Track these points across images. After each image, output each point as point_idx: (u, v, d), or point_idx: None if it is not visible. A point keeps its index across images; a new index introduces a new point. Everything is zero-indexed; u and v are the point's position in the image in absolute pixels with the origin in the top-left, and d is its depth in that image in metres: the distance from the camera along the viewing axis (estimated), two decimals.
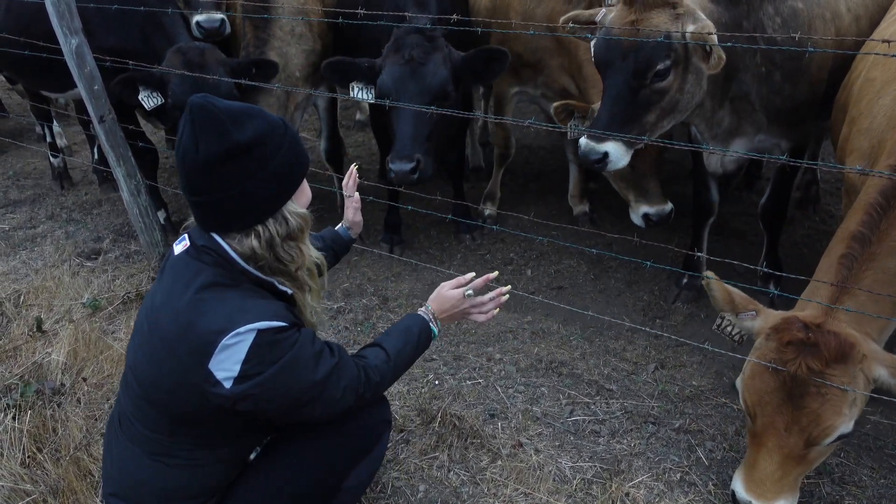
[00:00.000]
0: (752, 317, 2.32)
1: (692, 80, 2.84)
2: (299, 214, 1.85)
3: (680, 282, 3.90)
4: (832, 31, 3.11)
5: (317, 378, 1.83)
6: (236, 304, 1.76)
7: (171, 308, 1.80)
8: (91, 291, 4.05)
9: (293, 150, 1.82)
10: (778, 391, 2.16)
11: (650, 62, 2.71)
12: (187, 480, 1.94)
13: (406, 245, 4.55)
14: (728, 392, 3.17)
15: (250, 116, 1.75)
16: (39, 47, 4.06)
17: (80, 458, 2.76)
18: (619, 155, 2.88)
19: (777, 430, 2.15)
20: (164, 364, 1.80)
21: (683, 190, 4.51)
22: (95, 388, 3.17)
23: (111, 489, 2.00)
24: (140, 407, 1.91)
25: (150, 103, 3.90)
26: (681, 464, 2.77)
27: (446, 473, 2.75)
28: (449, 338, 3.67)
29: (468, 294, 2.33)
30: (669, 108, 2.88)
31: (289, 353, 1.78)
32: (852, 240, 2.31)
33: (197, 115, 1.71)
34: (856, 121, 2.67)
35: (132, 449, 1.95)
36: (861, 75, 2.83)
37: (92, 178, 5.89)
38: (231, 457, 2.01)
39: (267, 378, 1.75)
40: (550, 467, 2.76)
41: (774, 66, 3.04)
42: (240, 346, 1.72)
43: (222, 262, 1.82)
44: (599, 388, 3.22)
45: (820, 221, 4.60)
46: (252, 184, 1.74)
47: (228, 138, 1.70)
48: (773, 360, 2.17)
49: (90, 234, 4.91)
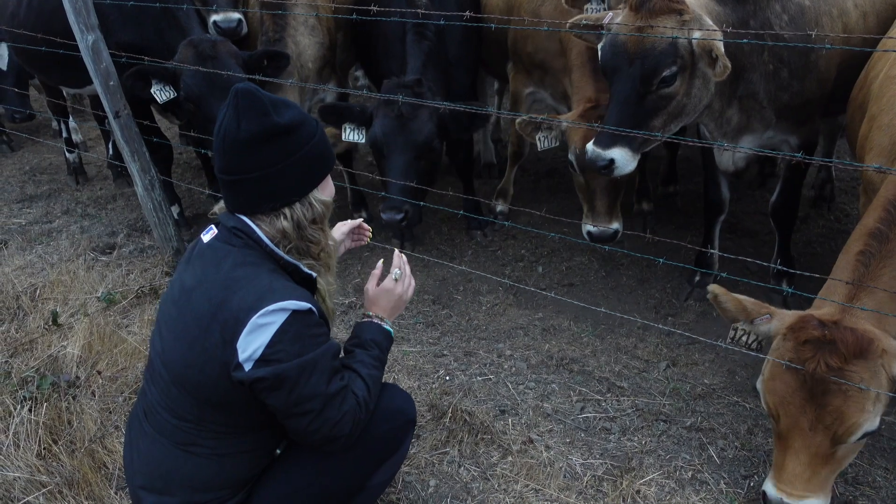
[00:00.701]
0: (766, 320, 2.30)
1: (699, 85, 2.85)
2: (323, 202, 1.98)
3: (692, 279, 3.88)
4: (839, 28, 3.10)
5: (326, 391, 1.87)
6: (266, 283, 1.84)
7: (204, 288, 1.86)
8: (106, 286, 4.09)
9: (323, 142, 1.98)
10: (799, 391, 2.13)
11: (656, 68, 2.73)
12: (215, 471, 1.97)
13: (417, 241, 4.56)
14: (740, 391, 3.16)
15: (287, 105, 1.91)
16: (57, 43, 4.10)
17: (94, 451, 2.80)
18: (625, 161, 2.90)
19: (802, 429, 2.13)
20: (196, 344, 1.84)
21: (695, 188, 4.49)
22: (110, 381, 3.20)
23: (140, 482, 2.02)
24: (168, 394, 1.94)
25: (162, 97, 3.93)
26: (692, 462, 2.77)
27: (457, 469, 2.76)
28: (460, 334, 3.68)
29: (397, 276, 2.26)
30: (676, 113, 2.89)
31: (312, 352, 1.83)
32: (870, 237, 2.29)
33: (241, 98, 1.84)
34: (876, 118, 2.65)
35: (160, 440, 1.98)
36: (881, 73, 2.79)
37: (107, 174, 5.94)
38: (257, 447, 2.03)
39: (284, 369, 1.79)
40: (561, 464, 2.76)
41: (782, 64, 3.03)
42: (268, 329, 1.78)
43: (251, 244, 1.91)
44: (610, 386, 3.22)
45: (834, 220, 4.57)
46: (286, 165, 1.88)
47: (269, 119, 1.84)
48: (790, 360, 2.15)
49: (105, 229, 4.96)
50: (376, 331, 2.20)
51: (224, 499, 2.01)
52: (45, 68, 4.91)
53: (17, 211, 5.36)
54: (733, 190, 3.87)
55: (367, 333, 2.18)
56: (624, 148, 2.86)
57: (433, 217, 4.85)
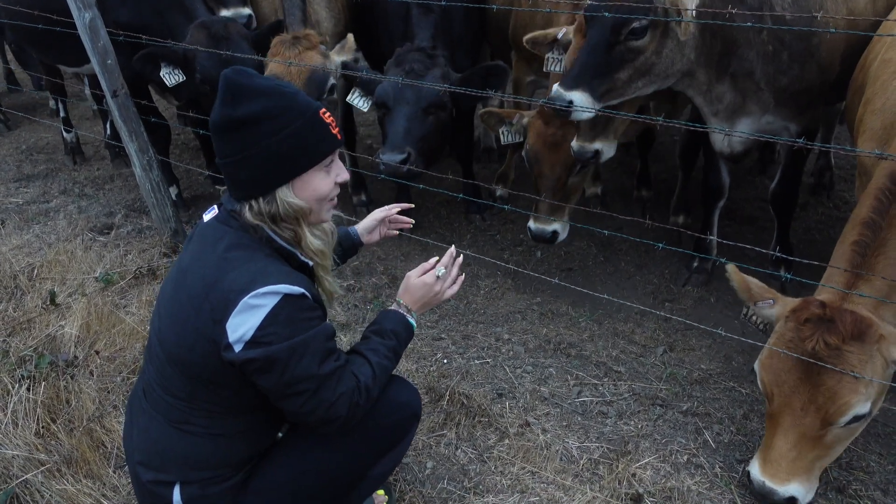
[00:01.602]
0: (770, 305, 2.34)
1: (671, 46, 2.84)
2: (290, 203, 1.86)
3: (690, 265, 3.89)
4: (844, 13, 3.06)
5: (318, 372, 1.84)
6: (260, 265, 1.82)
7: (198, 267, 1.85)
8: (103, 266, 4.09)
9: (294, 142, 1.82)
10: (795, 370, 2.17)
11: (626, 18, 2.73)
12: (210, 451, 1.97)
13: (416, 224, 4.54)
14: (736, 376, 3.17)
15: (260, 96, 1.79)
16: (54, 21, 4.06)
17: (93, 430, 2.81)
18: (584, 104, 2.84)
19: (793, 409, 2.17)
20: (188, 322, 1.84)
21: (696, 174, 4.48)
22: (108, 361, 3.21)
23: (138, 458, 2.03)
24: (163, 372, 1.94)
25: (171, 80, 3.92)
26: (688, 446, 2.79)
27: (454, 451, 2.78)
28: (458, 317, 3.69)
29: (441, 274, 2.19)
30: (643, 70, 2.87)
31: (303, 335, 1.80)
32: (864, 226, 2.31)
33: (220, 84, 1.82)
34: (870, 101, 2.65)
35: (156, 417, 1.99)
36: (878, 56, 2.79)
37: (104, 154, 5.92)
38: (253, 429, 2.03)
39: (275, 351, 1.77)
40: (557, 447, 2.77)
41: (782, 46, 2.99)
42: (259, 311, 1.75)
43: (247, 227, 1.89)
44: (607, 370, 3.23)
45: (833, 207, 4.57)
46: (242, 158, 1.82)
47: (226, 111, 1.80)
48: (791, 339, 2.19)
49: (102, 209, 4.94)
50: (399, 322, 2.14)
51: (222, 478, 2.00)
52: (43, 46, 4.87)
53: (14, 190, 5.34)
54: (733, 176, 3.86)
55: (388, 322, 2.14)
56: (584, 92, 2.83)
57: (432, 200, 4.84)
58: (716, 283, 3.84)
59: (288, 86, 1.91)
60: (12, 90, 7.27)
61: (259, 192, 1.85)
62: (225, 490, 2.00)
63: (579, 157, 3.23)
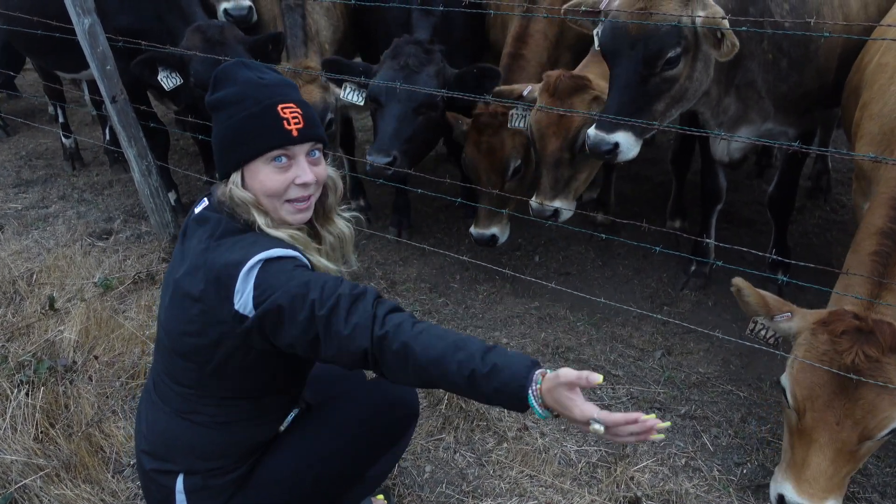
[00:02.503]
0: (787, 318, 2.26)
1: (700, 68, 2.82)
2: (232, 191, 1.88)
3: (688, 269, 3.90)
4: (839, 18, 3.08)
5: (308, 280, 1.76)
6: (250, 240, 1.85)
7: (195, 255, 1.88)
8: (102, 271, 4.09)
9: (242, 127, 1.86)
10: (830, 383, 2.07)
11: (661, 50, 2.68)
12: (216, 440, 1.99)
13: (414, 229, 4.56)
14: (734, 379, 3.18)
15: (235, 83, 1.89)
16: (53, 27, 4.08)
17: (91, 434, 2.81)
18: (629, 145, 2.83)
19: (828, 424, 2.06)
20: (193, 308, 1.85)
21: (693, 177, 4.49)
22: (107, 366, 3.21)
23: (144, 447, 2.07)
24: (171, 362, 1.97)
25: (168, 84, 3.92)
26: (686, 449, 2.79)
27: (452, 455, 2.78)
28: (457, 322, 3.69)
29: (596, 429, 1.55)
30: (679, 97, 2.85)
31: (294, 270, 1.80)
32: (882, 236, 2.25)
33: None
34: (867, 105, 2.64)
35: (163, 408, 2.02)
36: (874, 60, 2.79)
37: (103, 159, 5.92)
38: (258, 415, 2.04)
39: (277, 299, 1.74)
40: (556, 451, 2.78)
41: (781, 53, 3.01)
42: (252, 274, 1.77)
43: (233, 213, 1.92)
44: (606, 374, 3.24)
45: (831, 211, 4.58)
46: (213, 140, 1.94)
47: (207, 95, 1.94)
48: (825, 353, 2.09)
49: (101, 215, 4.95)
50: (518, 370, 1.61)
51: (225, 470, 2.02)
52: (42, 53, 4.88)
53: (12, 196, 5.35)
54: (730, 180, 3.87)
55: (511, 362, 1.63)
56: (628, 132, 2.80)
57: (430, 205, 4.85)
58: (714, 286, 3.85)
59: (270, 78, 1.91)
60: (11, 96, 7.28)
61: (220, 176, 1.95)
62: (227, 483, 2.02)
63: (594, 148, 2.92)
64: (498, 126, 3.61)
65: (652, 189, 4.89)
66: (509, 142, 3.63)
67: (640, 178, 5.11)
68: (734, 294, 2.36)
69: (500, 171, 3.63)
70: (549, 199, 3.36)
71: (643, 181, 5.06)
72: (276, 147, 1.87)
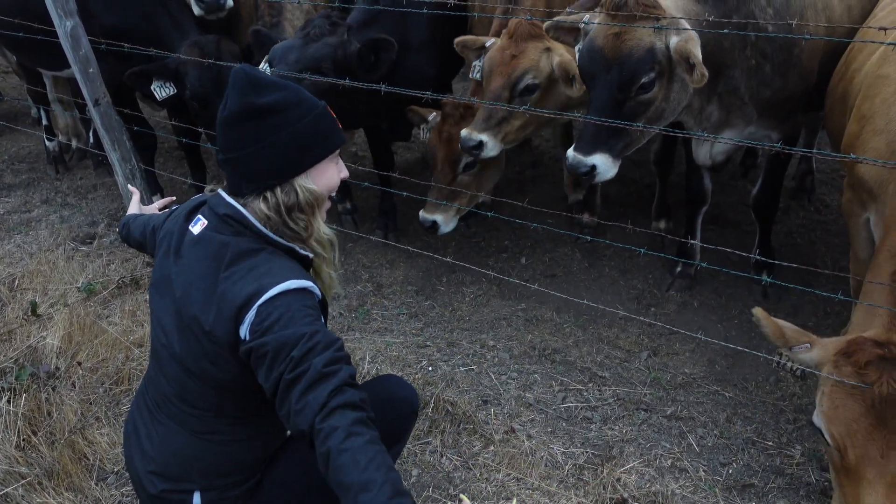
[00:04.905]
0: (806, 349, 2.19)
1: (678, 88, 2.83)
2: (310, 190, 1.91)
3: (674, 270, 3.91)
4: (823, 21, 3.10)
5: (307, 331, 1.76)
6: (264, 268, 1.84)
7: (199, 282, 1.86)
8: (86, 276, 4.06)
9: (313, 130, 1.90)
10: (866, 416, 2.00)
11: (634, 75, 2.70)
12: (233, 457, 1.99)
13: (401, 232, 4.55)
14: (720, 380, 3.20)
15: (278, 88, 1.87)
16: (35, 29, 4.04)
17: (75, 442, 2.78)
18: (606, 167, 2.87)
19: (873, 459, 1.98)
20: (203, 338, 1.84)
21: (678, 178, 4.51)
22: (90, 372, 3.18)
23: (152, 468, 2.02)
24: (184, 385, 1.94)
25: (161, 94, 3.92)
26: (672, 450, 2.80)
27: (439, 458, 2.78)
28: (443, 324, 3.69)
29: None
30: (655, 117, 2.87)
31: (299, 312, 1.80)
32: None
33: (234, 78, 1.86)
34: (869, 119, 2.58)
35: (174, 428, 1.99)
36: (865, 68, 2.75)
37: (87, 162, 5.87)
38: (272, 429, 2.05)
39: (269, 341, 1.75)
40: (542, 453, 2.78)
41: (765, 59, 3.03)
42: (268, 306, 1.77)
43: (242, 230, 1.89)
44: (592, 375, 3.24)
45: (815, 211, 4.61)
46: (262, 147, 1.85)
47: (247, 100, 1.83)
48: (855, 387, 2.03)
49: (85, 219, 4.90)
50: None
51: (241, 481, 2.03)
52: (26, 49, 4.83)
53: None
54: (715, 181, 3.89)
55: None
56: (604, 154, 2.84)
57: (418, 208, 4.83)
58: (699, 287, 3.87)
59: (289, 82, 1.98)
60: None
61: (277, 182, 1.89)
62: (242, 492, 2.04)
63: (573, 170, 3.03)
64: (460, 117, 3.65)
65: (638, 191, 4.91)
66: None
67: (625, 180, 5.12)
68: (754, 322, 2.27)
69: (454, 161, 3.69)
70: (478, 130, 3.36)
71: (629, 183, 5.07)
72: (341, 145, 1.99)
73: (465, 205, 3.79)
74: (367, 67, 3.51)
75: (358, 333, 3.62)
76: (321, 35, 3.56)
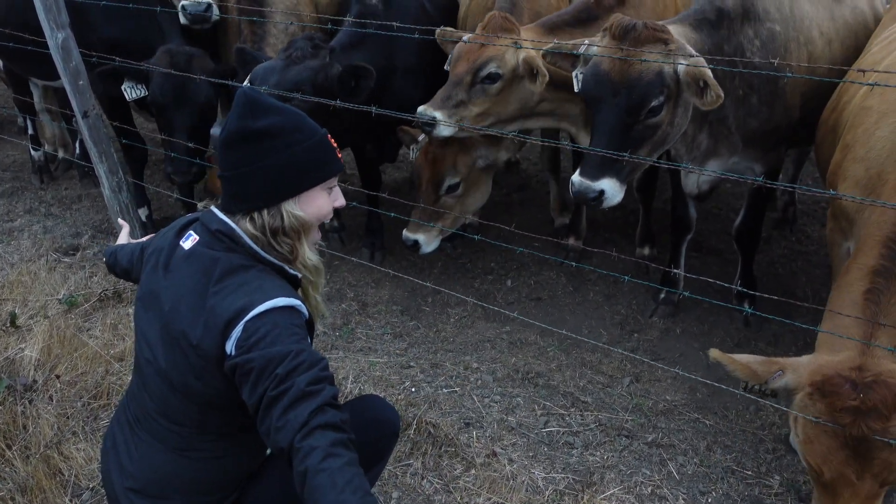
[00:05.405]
0: (780, 376, 2.20)
1: (681, 113, 2.89)
2: (296, 216, 1.93)
3: (657, 297, 3.95)
4: (805, 55, 3.18)
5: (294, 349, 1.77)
6: (255, 284, 1.84)
7: (193, 298, 1.85)
8: (68, 288, 4.02)
9: (306, 157, 1.91)
10: (841, 450, 2.04)
11: (645, 99, 2.72)
12: (214, 474, 1.98)
13: (387, 251, 4.55)
14: (701, 407, 3.22)
15: (277, 112, 1.90)
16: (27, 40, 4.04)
17: (50, 457, 2.74)
18: (614, 192, 2.87)
19: (848, 479, 2.05)
20: (190, 354, 1.84)
21: (663, 205, 4.56)
22: (68, 385, 3.14)
23: (131, 485, 1.99)
24: (167, 401, 1.93)
25: (132, 94, 3.92)
26: (652, 477, 2.81)
27: (419, 481, 2.76)
28: (427, 345, 3.69)
29: None
30: (661, 141, 2.91)
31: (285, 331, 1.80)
32: (875, 275, 2.25)
33: (235, 100, 1.90)
34: (850, 148, 2.66)
35: (155, 445, 1.97)
36: (854, 101, 2.83)
37: (72, 173, 5.84)
38: (252, 446, 2.03)
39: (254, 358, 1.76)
40: (523, 477, 2.77)
41: (752, 90, 3.10)
42: (255, 323, 1.78)
43: (234, 247, 1.91)
44: (575, 400, 3.25)
45: (796, 242, 4.68)
46: (254, 169, 1.87)
47: (244, 122, 1.87)
48: (828, 427, 2.05)
49: (69, 230, 4.87)
50: None
51: (219, 500, 2.02)
52: (18, 58, 4.81)
53: None
54: (700, 209, 3.95)
55: None
56: (613, 178, 2.83)
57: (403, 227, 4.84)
58: (682, 314, 3.90)
59: (291, 107, 2.01)
60: None
61: (265, 204, 1.91)
62: None
63: (580, 196, 2.94)
64: (446, 140, 3.66)
65: (624, 216, 4.96)
66: (451, 158, 3.71)
67: None
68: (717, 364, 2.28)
69: (437, 183, 3.72)
70: (434, 108, 3.35)
71: (615, 208, 5.11)
72: (336, 174, 2.01)
73: (448, 226, 3.82)
74: (347, 92, 3.53)
75: (341, 352, 3.61)
76: (303, 58, 3.58)
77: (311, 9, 4.51)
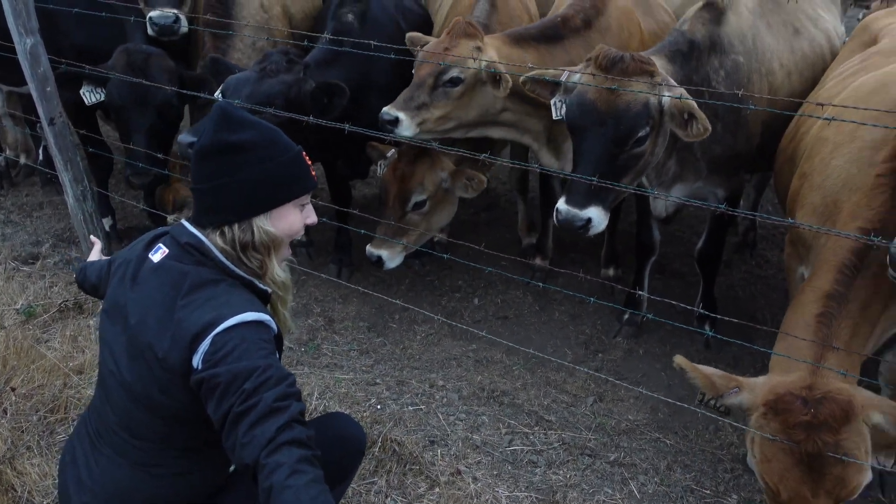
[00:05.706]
0: (735, 393, 2.27)
1: (661, 143, 2.97)
2: (267, 232, 1.93)
3: (621, 318, 4.01)
4: (766, 86, 3.31)
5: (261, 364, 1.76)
6: (223, 299, 1.83)
7: (160, 310, 1.84)
8: (26, 297, 3.93)
9: (279, 173, 1.92)
10: (796, 467, 2.12)
11: (632, 129, 2.78)
12: (176, 490, 1.95)
13: (355, 268, 4.55)
14: (662, 427, 3.27)
15: (252, 127, 1.91)
16: None
17: (2, 472, 2.67)
18: (600, 219, 2.89)
19: (804, 497, 2.12)
20: (155, 367, 1.82)
21: (629, 227, 4.65)
22: (24, 398, 3.06)
23: (88, 499, 1.95)
24: (130, 415, 1.90)
25: (91, 98, 3.86)
26: (614, 496, 2.84)
27: (384, 499, 2.75)
28: (393, 362, 3.69)
29: None
30: (642, 170, 2.99)
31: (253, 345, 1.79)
32: (828, 298, 2.34)
33: (211, 113, 1.91)
34: (808, 176, 2.76)
35: (117, 460, 1.94)
36: (811, 132, 2.93)
37: (34, 180, 5.72)
38: (216, 463, 2.01)
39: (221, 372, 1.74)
40: (487, 496, 2.79)
41: (717, 118, 3.19)
42: (223, 337, 1.77)
43: (204, 260, 1.89)
44: (539, 419, 3.28)
45: (756, 266, 4.80)
46: (225, 183, 1.88)
47: (218, 135, 1.87)
48: (783, 444, 2.13)
49: (29, 238, 4.76)
50: None
51: None
52: None
53: None
54: (663, 232, 4.03)
55: None
56: (599, 206, 2.86)
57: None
58: (645, 335, 3.97)
59: (266, 123, 2.01)
60: None
61: (236, 219, 1.91)
62: None
63: (567, 224, 2.96)
64: (415, 156, 3.71)
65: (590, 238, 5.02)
66: (419, 175, 3.72)
67: None
68: (679, 371, 2.34)
69: (404, 199, 3.73)
70: (396, 108, 3.36)
71: None
72: (309, 191, 2.01)
73: (412, 243, 3.82)
74: (319, 109, 3.52)
75: (307, 368, 3.59)
76: (277, 71, 3.57)
77: (284, 23, 4.51)
